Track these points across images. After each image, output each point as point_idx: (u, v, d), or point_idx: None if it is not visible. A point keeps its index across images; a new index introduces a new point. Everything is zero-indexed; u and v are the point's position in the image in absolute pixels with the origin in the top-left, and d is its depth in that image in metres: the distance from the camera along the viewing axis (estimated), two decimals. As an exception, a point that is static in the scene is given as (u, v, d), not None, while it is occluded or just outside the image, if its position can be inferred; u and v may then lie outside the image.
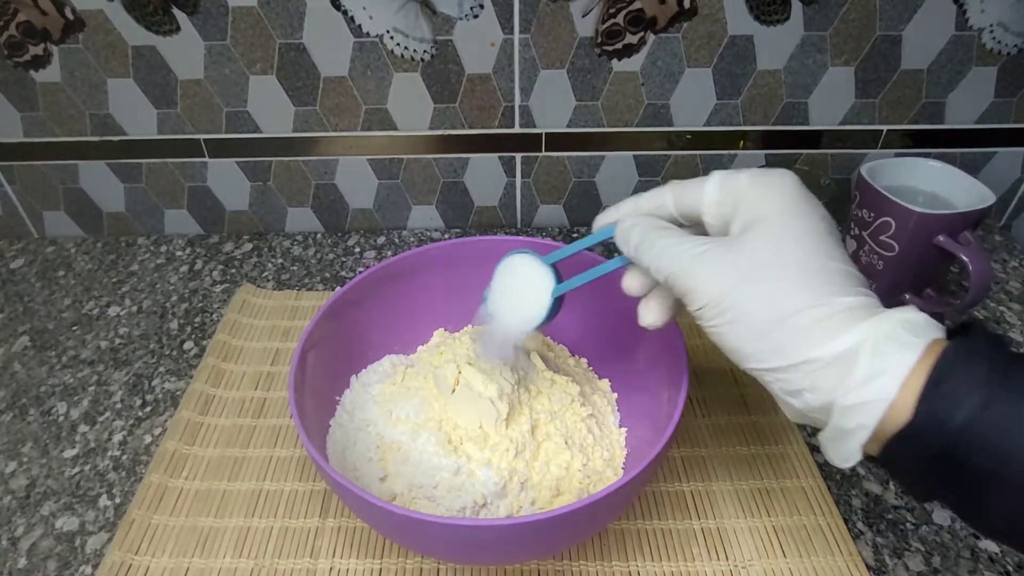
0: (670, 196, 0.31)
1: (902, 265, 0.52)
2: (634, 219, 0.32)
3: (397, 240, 0.68)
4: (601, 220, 0.34)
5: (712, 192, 0.30)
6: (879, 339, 0.24)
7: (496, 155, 0.64)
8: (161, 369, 0.54)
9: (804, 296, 0.26)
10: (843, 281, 0.26)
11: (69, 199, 0.67)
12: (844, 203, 0.68)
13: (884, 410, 0.24)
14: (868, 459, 0.26)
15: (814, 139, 0.63)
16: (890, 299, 0.54)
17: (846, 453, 0.26)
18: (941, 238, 0.49)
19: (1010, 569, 0.39)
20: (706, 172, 0.31)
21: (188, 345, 0.56)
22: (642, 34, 0.57)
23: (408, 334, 0.49)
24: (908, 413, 0.24)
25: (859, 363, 0.24)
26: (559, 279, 0.36)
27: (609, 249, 0.65)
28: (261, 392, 0.51)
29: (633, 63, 0.58)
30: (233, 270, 0.64)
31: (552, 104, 0.61)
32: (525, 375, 0.42)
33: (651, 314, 0.33)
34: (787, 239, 0.27)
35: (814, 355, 0.25)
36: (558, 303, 0.36)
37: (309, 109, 0.61)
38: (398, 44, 0.57)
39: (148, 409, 0.50)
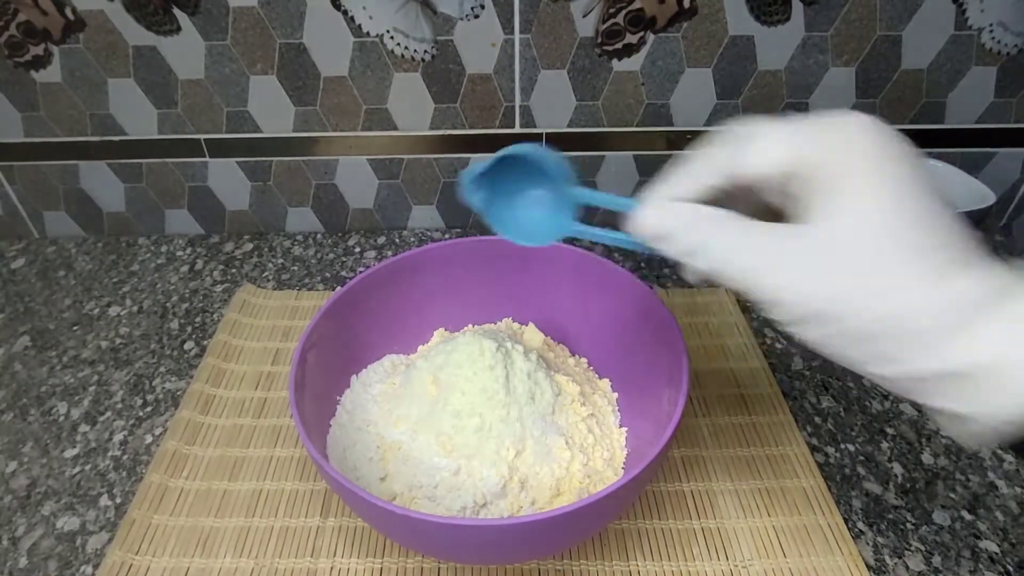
0: (715, 171, 0.26)
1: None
2: (670, 210, 0.27)
3: (397, 240, 0.68)
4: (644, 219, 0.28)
5: (775, 161, 0.25)
6: None
7: (496, 155, 0.64)
8: (162, 369, 0.54)
9: (916, 288, 0.23)
10: (952, 253, 0.23)
11: (69, 199, 0.67)
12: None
13: None
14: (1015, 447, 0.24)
15: (814, 139, 0.63)
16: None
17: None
18: (941, 238, 0.49)
19: (1011, 569, 0.39)
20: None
21: (188, 345, 0.56)
22: (642, 34, 0.57)
23: (408, 334, 0.49)
24: None
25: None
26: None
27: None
28: (261, 392, 0.51)
29: (633, 63, 0.58)
30: (233, 270, 0.64)
31: (552, 104, 0.61)
32: (525, 375, 0.42)
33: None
34: (877, 215, 0.24)
35: (953, 362, 0.22)
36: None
37: (309, 109, 0.61)
38: (398, 44, 0.57)
39: (149, 409, 0.50)
